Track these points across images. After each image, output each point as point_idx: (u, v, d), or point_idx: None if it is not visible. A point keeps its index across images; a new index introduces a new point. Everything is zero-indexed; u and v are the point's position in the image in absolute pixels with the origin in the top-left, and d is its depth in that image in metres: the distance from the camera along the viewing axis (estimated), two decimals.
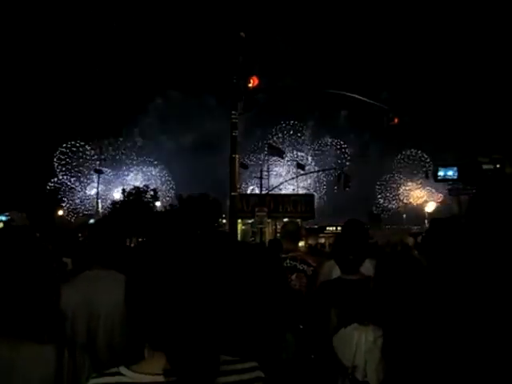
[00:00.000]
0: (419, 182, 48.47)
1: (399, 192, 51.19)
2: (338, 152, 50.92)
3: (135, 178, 48.22)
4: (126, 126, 49.79)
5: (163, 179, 50.75)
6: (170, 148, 51.95)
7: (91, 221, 31.54)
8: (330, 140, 52.15)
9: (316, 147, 52.02)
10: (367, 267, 2.96)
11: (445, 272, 1.91)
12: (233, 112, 10.17)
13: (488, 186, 1.47)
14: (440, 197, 43.91)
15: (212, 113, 46.46)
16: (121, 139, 48.98)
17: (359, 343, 2.23)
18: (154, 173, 50.61)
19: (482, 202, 1.54)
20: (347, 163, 47.96)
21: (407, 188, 50.61)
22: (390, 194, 51.65)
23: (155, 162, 50.74)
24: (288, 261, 4.06)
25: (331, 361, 2.33)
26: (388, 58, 51.28)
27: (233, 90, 10.35)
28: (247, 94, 10.53)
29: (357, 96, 11.96)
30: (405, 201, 50.47)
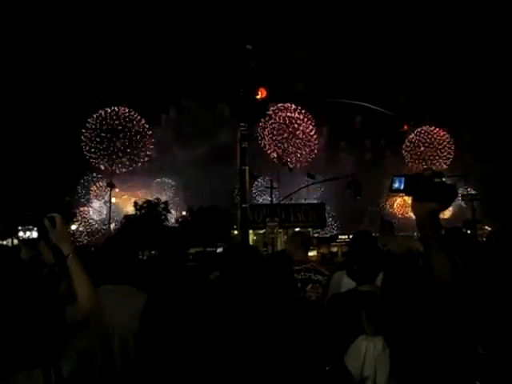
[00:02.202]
0: None
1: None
2: (352, 159, 50.99)
3: (148, 191, 48.58)
4: (139, 138, 50.43)
5: (176, 191, 51.07)
6: (183, 159, 52.14)
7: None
8: (344, 147, 52.42)
9: (330, 154, 52.33)
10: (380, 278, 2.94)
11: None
12: (241, 124, 10.20)
13: None
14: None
15: (225, 123, 46.64)
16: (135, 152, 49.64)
17: (368, 353, 2.24)
18: (166, 185, 51.00)
19: None
20: (359, 170, 47.83)
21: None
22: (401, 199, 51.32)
23: (168, 174, 51.22)
24: (303, 272, 4.01)
25: (344, 371, 2.34)
26: (402, 65, 51.16)
27: (241, 102, 10.40)
28: (256, 106, 10.58)
29: (365, 104, 11.95)
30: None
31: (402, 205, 50.06)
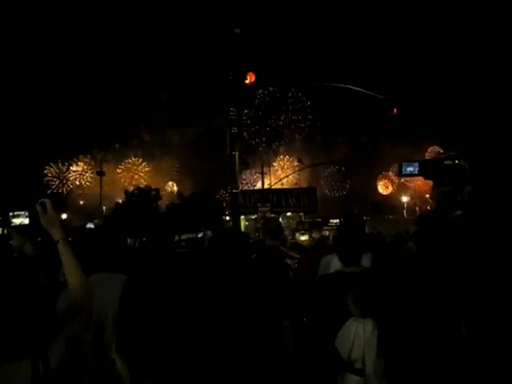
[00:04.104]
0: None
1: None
2: (345, 143, 50.60)
3: (140, 177, 48.26)
4: (131, 123, 49.94)
5: (169, 176, 50.79)
6: (177, 143, 51.38)
7: (90, 225, 31.54)
8: (337, 130, 52.10)
9: (323, 138, 52.00)
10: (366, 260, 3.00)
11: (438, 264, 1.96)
12: (231, 109, 10.14)
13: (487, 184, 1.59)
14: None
15: (217, 109, 45.65)
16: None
17: (357, 335, 2.28)
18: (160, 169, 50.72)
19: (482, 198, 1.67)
20: (353, 154, 47.57)
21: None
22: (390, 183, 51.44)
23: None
24: None
25: (333, 353, 2.39)
26: (392, 48, 50.58)
27: (230, 87, 10.31)
28: (245, 90, 10.51)
29: (352, 87, 11.94)
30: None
31: (387, 186, 50.16)
